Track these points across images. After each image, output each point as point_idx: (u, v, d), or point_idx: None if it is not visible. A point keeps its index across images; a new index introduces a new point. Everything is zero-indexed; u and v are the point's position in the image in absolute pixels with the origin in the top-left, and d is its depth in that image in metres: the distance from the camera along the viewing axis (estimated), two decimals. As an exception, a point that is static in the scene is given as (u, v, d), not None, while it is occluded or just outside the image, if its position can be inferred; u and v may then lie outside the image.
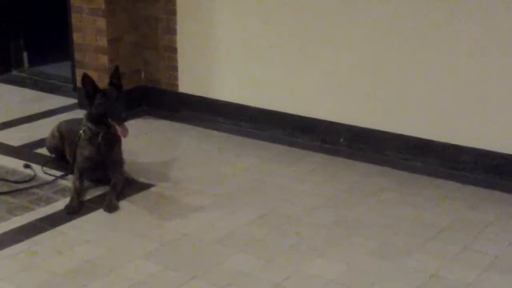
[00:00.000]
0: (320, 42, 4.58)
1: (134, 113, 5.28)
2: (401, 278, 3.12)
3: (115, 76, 3.95)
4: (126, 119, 3.82)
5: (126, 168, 4.19)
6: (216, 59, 5.08)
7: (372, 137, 4.51)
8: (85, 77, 3.84)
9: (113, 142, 3.93)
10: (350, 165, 4.39)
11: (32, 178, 4.10)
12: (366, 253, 3.33)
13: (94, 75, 5.16)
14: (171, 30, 5.18)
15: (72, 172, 4.00)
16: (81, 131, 3.94)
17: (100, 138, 3.87)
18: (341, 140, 4.62)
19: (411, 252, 3.33)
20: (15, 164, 4.33)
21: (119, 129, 3.80)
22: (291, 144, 4.73)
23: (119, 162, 4.00)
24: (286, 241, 3.43)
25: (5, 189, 3.96)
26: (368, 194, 3.96)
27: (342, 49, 4.51)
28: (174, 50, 5.22)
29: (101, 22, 5.08)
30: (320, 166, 4.39)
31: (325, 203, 3.86)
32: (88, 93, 3.84)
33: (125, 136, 3.83)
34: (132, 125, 5.05)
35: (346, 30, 4.47)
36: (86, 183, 4.00)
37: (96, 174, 4.01)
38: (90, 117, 3.88)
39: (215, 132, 4.99)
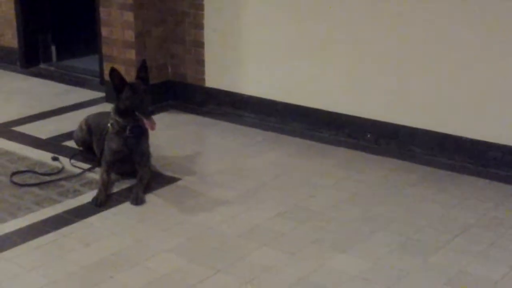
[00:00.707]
0: (345, 36, 4.57)
1: (161, 107, 5.32)
2: (427, 274, 3.10)
3: (142, 70, 3.98)
4: (152, 113, 3.85)
5: (153, 161, 4.22)
6: (242, 53, 5.08)
7: (398, 133, 4.49)
8: (113, 71, 3.87)
9: (140, 135, 3.96)
10: (375, 161, 4.38)
11: (60, 170, 4.15)
12: (392, 249, 3.32)
13: (121, 69, 5.21)
14: (198, 25, 5.20)
15: (99, 165, 4.04)
16: (108, 124, 3.97)
17: (127, 131, 3.90)
18: (368, 135, 4.60)
19: (437, 249, 3.31)
20: (44, 156, 4.38)
21: (146, 122, 3.83)
22: (316, 139, 4.73)
23: (146, 155, 4.03)
24: (310, 236, 3.44)
25: (33, 181, 4.01)
26: (393, 190, 3.95)
27: (368, 43, 4.49)
28: (201, 44, 5.24)
29: (129, 16, 5.11)
30: (345, 161, 4.38)
31: (350, 198, 3.85)
32: (116, 87, 3.87)
33: (152, 129, 3.86)
34: (159, 119, 5.05)
35: (371, 24, 4.45)
36: (113, 176, 4.03)
37: (124, 167, 4.04)
38: (117, 111, 3.91)
39: (240, 126, 5.00)
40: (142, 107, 3.81)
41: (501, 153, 4.14)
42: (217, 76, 5.26)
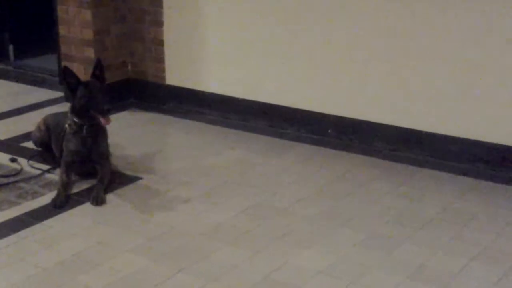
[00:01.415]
0: (305, 32, 4.57)
1: (121, 106, 5.26)
2: (390, 268, 3.12)
3: (98, 68, 3.91)
4: (109, 111, 3.79)
5: (113, 161, 4.18)
6: (202, 51, 5.05)
7: (360, 128, 4.51)
8: (66, 69, 3.83)
9: (98, 134, 3.91)
10: (337, 156, 4.39)
11: (19, 172, 4.07)
12: (355, 244, 3.33)
13: (80, 67, 5.17)
14: (158, 23, 5.15)
15: (59, 166, 3.97)
16: (66, 125, 3.91)
17: (84, 131, 3.85)
18: (329, 131, 4.61)
19: (400, 243, 3.33)
20: (1, 158, 4.30)
21: (101, 120, 3.78)
22: (278, 136, 4.72)
23: (105, 154, 3.98)
24: (274, 233, 3.43)
25: (-10, 183, 3.94)
26: (356, 185, 3.96)
27: (328, 37, 4.50)
28: (160, 42, 5.19)
29: (87, 14, 5.04)
30: (308, 157, 4.39)
31: (313, 194, 3.85)
32: (70, 85, 3.82)
33: (107, 123, 3.81)
34: (119, 117, 5.05)
35: (330, 17, 4.45)
36: (73, 177, 3.97)
37: (83, 167, 3.98)
38: (73, 110, 3.86)
39: (202, 124, 4.97)
40: (97, 106, 3.76)
41: (461, 146, 4.18)
42: (177, 73, 5.23)
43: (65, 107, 4.80)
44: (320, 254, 3.24)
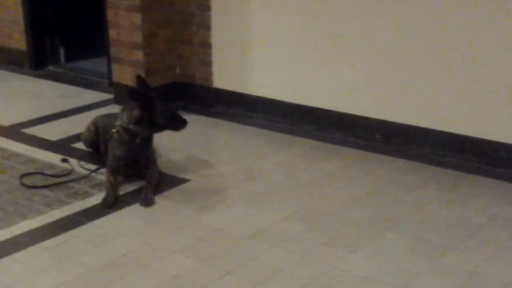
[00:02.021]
0: (355, 37, 4.55)
1: (169, 108, 5.32)
2: (438, 275, 3.09)
3: (144, 85, 3.92)
4: (186, 123, 3.92)
5: (161, 163, 4.22)
6: (250, 54, 5.08)
7: (408, 133, 4.47)
8: (133, 92, 3.86)
9: (147, 142, 3.95)
10: (385, 161, 4.36)
11: (69, 172, 4.15)
12: (402, 250, 3.30)
13: (129, 70, 5.26)
14: (206, 26, 5.19)
15: (105, 166, 4.03)
16: (113, 130, 3.94)
17: (139, 139, 3.89)
18: (377, 136, 4.59)
19: (448, 250, 3.29)
20: (53, 158, 4.38)
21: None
22: (325, 140, 4.71)
23: (152, 159, 4.02)
24: (321, 237, 3.43)
25: (42, 183, 4.01)
26: (403, 191, 3.93)
27: (378, 43, 4.47)
28: (208, 45, 5.23)
29: (136, 18, 5.11)
30: (355, 162, 4.37)
31: (360, 199, 3.84)
32: (142, 102, 3.81)
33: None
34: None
35: (381, 25, 4.43)
36: (121, 178, 4.02)
37: (129, 171, 4.03)
38: (138, 122, 3.83)
39: (249, 128, 4.99)
40: (179, 120, 3.89)
41: (510, 152, 4.11)
42: (225, 77, 5.26)
43: (114, 109, 4.89)
44: (366, 259, 3.23)
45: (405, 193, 3.90)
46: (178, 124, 3.90)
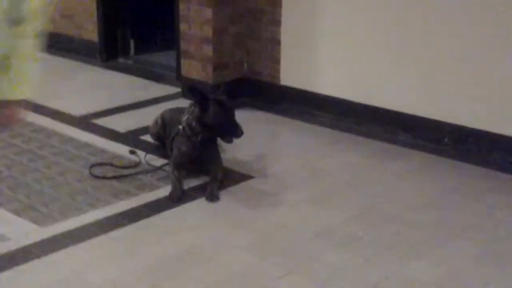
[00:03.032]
0: (426, 38, 4.48)
1: (235, 104, 5.31)
2: (506, 285, 3.02)
3: (224, 93, 3.95)
4: (242, 133, 3.84)
5: (226, 159, 4.24)
6: (319, 52, 5.05)
7: (478, 138, 4.37)
8: (193, 89, 3.90)
9: (210, 142, 3.96)
10: (453, 166, 4.28)
11: (137, 164, 4.22)
12: (468, 257, 3.24)
13: (198, 65, 5.30)
14: (276, 22, 5.20)
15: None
16: (180, 127, 3.98)
17: (199, 138, 3.92)
18: (446, 139, 4.51)
19: (517, 260, 3.22)
20: (121, 149, 4.46)
21: (225, 140, 3.90)
22: (391, 141, 4.65)
23: (217, 156, 4.03)
24: (385, 240, 3.39)
25: (111, 173, 4.09)
26: (471, 197, 3.85)
27: (449, 44, 4.39)
28: (277, 42, 5.24)
29: (208, 13, 5.14)
30: (422, 165, 4.30)
31: (427, 203, 3.78)
32: (198, 101, 3.85)
33: (230, 143, 3.92)
34: (233, 115, 5.14)
35: (453, 26, 4.35)
36: (184, 172, 4.04)
37: (193, 167, 4.05)
38: (199, 120, 3.87)
39: (315, 126, 4.97)
40: (231, 128, 3.82)
41: None
42: (292, 74, 5.25)
43: (182, 103, 4.94)
44: (432, 266, 3.18)
45: (473, 200, 3.82)
46: (230, 132, 3.83)
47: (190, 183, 3.99)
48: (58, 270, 3.11)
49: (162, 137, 4.35)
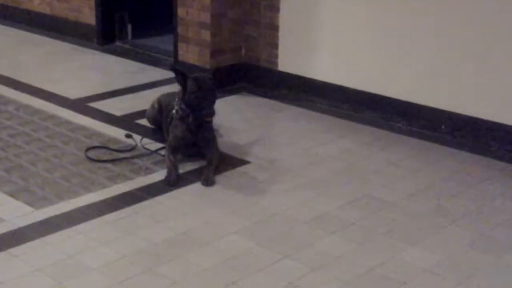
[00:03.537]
0: (425, 25, 4.46)
1: (233, 90, 5.33)
2: (499, 273, 3.02)
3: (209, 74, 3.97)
4: (211, 116, 3.83)
5: (223, 143, 4.23)
6: (317, 39, 5.03)
7: (475, 126, 4.37)
8: (173, 69, 4.00)
9: (204, 124, 3.95)
10: (450, 153, 4.28)
11: (133, 148, 4.20)
12: (463, 244, 3.24)
13: (195, 49, 5.28)
14: (274, 8, 5.17)
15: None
16: (173, 110, 3.99)
17: (190, 119, 3.91)
18: (443, 127, 4.50)
19: (510, 247, 3.21)
20: (117, 133, 4.45)
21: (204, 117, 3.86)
22: (389, 128, 4.65)
23: (212, 140, 4.02)
24: (381, 227, 3.39)
25: (107, 157, 4.08)
26: (468, 184, 3.85)
27: (448, 32, 4.37)
28: (275, 27, 5.21)
29: (206, -3, 5.13)
30: (419, 152, 4.30)
31: (423, 190, 3.78)
32: (178, 80, 3.92)
33: (208, 120, 3.89)
34: (230, 101, 5.13)
35: (451, 13, 4.33)
36: (180, 157, 4.04)
37: (189, 151, 4.06)
38: (183, 99, 3.92)
39: (312, 113, 4.96)
40: (202, 106, 3.81)
41: None
42: (290, 60, 5.23)
43: (177, 87, 4.89)
44: (426, 252, 3.18)
45: (469, 187, 3.82)
46: (201, 111, 3.81)
47: (186, 167, 3.99)
48: (52, 253, 3.10)
49: (159, 121, 4.34)
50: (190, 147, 4.02)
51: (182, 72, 3.92)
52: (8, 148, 4.18)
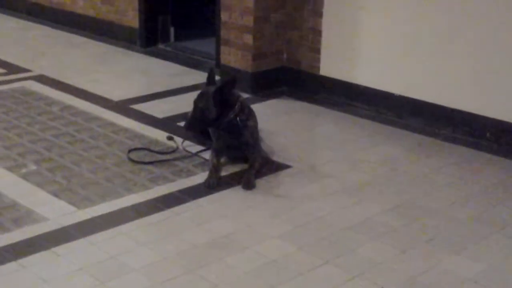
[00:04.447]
0: (471, 31, 4.40)
1: (274, 94, 5.33)
2: (546, 284, 2.96)
3: (229, 84, 3.92)
4: (185, 128, 3.96)
5: (264, 147, 4.23)
6: (359, 43, 5.00)
7: (521, 134, 4.30)
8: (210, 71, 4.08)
9: (237, 130, 3.92)
10: (494, 162, 4.20)
11: (175, 150, 4.22)
12: (507, 254, 3.19)
13: (237, 53, 5.29)
14: (317, 13, 5.15)
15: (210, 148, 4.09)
16: None
17: (222, 122, 3.90)
18: (488, 134, 4.42)
19: (558, 259, 3.15)
20: (159, 135, 4.47)
21: None
22: (431, 135, 4.59)
23: (252, 144, 4.00)
24: (423, 234, 3.35)
25: (148, 158, 4.11)
26: (512, 193, 3.79)
27: (495, 39, 4.30)
28: (318, 32, 5.19)
29: (249, 1, 5.11)
30: (463, 159, 4.23)
31: (466, 198, 3.72)
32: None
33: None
34: (271, 105, 5.13)
35: (500, 20, 4.26)
36: (224, 160, 4.06)
37: (232, 153, 4.07)
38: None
39: (353, 118, 4.92)
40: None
41: None
42: (332, 65, 5.20)
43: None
44: (470, 261, 3.13)
45: (514, 196, 3.76)
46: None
47: (229, 170, 3.99)
48: (94, 253, 3.13)
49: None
50: (234, 150, 4.03)
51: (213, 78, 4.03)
52: (52, 148, 4.23)
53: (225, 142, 3.99)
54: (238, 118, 3.90)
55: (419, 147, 4.41)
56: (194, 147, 4.27)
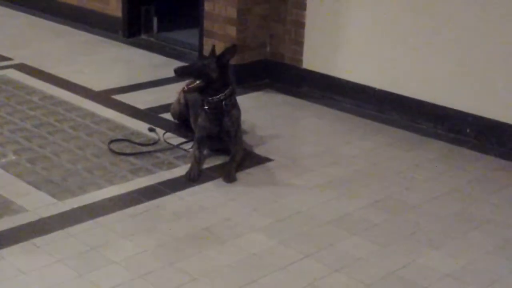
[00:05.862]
0: (453, 27, 4.42)
1: (256, 86, 5.32)
2: (523, 280, 2.99)
3: (230, 52, 3.95)
4: (175, 72, 3.91)
5: (246, 140, 4.22)
6: (343, 37, 5.00)
7: (501, 130, 4.31)
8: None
9: (221, 114, 3.92)
10: (475, 157, 4.23)
11: (156, 142, 4.20)
12: (487, 250, 3.21)
13: (220, 45, 5.23)
14: (301, 5, 5.14)
15: (193, 140, 4.07)
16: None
17: (205, 104, 3.91)
18: (468, 130, 4.45)
19: (536, 255, 3.18)
20: (140, 126, 4.45)
21: None
22: (413, 130, 4.61)
23: (233, 134, 3.98)
24: (403, 229, 3.36)
25: (129, 150, 4.08)
26: (492, 189, 3.80)
27: (476, 35, 4.32)
28: (301, 25, 5.18)
29: (233, -8, 5.11)
30: (443, 155, 4.25)
31: (447, 194, 3.74)
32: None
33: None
34: (253, 97, 5.12)
35: (481, 17, 4.28)
36: (206, 152, 4.05)
37: (214, 144, 4.05)
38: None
39: (336, 112, 4.92)
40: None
41: None
42: (315, 58, 5.20)
43: (203, 82, 4.90)
44: (449, 257, 3.15)
45: (493, 192, 3.78)
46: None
47: (211, 162, 3.98)
48: (74, 244, 3.11)
49: (184, 116, 4.33)
50: (215, 140, 4.01)
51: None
52: (32, 139, 4.20)
53: (206, 129, 3.96)
54: (224, 102, 3.89)
55: (400, 142, 4.42)
56: (176, 139, 4.25)
